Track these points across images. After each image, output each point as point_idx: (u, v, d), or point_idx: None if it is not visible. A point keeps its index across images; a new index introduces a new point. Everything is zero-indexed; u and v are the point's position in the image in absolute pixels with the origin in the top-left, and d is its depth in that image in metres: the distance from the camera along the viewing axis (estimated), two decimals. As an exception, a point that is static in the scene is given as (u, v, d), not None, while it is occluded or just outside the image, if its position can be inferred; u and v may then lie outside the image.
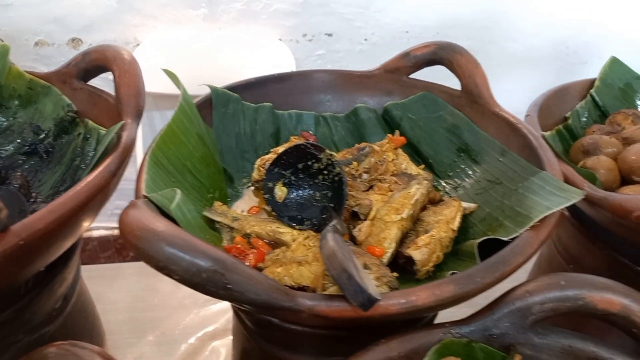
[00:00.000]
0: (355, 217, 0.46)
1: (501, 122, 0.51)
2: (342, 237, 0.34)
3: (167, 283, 0.69)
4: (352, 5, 1.47)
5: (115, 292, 0.65)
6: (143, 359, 0.58)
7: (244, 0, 1.42)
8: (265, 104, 0.57)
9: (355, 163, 0.49)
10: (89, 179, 0.37)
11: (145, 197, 0.36)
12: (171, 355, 0.58)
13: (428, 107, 0.57)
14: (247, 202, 0.50)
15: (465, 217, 0.46)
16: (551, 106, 0.61)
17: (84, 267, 0.70)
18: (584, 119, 0.63)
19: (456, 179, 0.52)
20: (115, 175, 0.40)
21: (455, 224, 0.43)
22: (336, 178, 0.44)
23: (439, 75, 0.59)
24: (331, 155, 0.45)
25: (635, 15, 1.63)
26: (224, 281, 0.29)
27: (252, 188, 0.51)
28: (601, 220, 0.45)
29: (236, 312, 0.46)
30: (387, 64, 0.60)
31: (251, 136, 0.55)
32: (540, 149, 0.45)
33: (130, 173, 0.42)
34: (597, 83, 0.64)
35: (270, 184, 0.46)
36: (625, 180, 0.51)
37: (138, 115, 0.47)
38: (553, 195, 0.38)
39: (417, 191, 0.43)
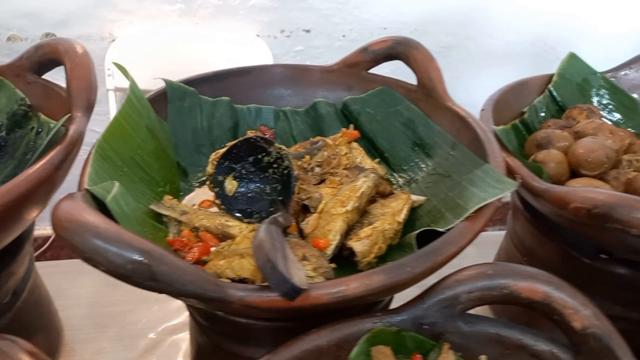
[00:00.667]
0: (306, 210, 0.46)
1: (453, 116, 0.51)
2: (280, 229, 0.35)
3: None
4: (330, 1, 1.47)
5: (77, 287, 0.65)
6: (103, 354, 0.58)
7: (221, -5, 1.42)
8: (223, 98, 0.57)
9: (307, 157, 0.50)
10: (30, 171, 0.37)
11: (87, 189, 0.36)
12: (131, 350, 0.58)
13: (386, 101, 0.58)
14: (200, 196, 0.50)
15: (414, 210, 0.47)
16: (509, 100, 0.61)
17: (46, 263, 0.71)
18: (542, 114, 0.64)
19: (410, 173, 0.53)
20: (59, 168, 0.40)
21: (402, 216, 0.44)
22: (285, 171, 0.45)
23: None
24: (280, 148, 0.45)
25: (610, 11, 1.65)
26: (150, 272, 0.29)
27: (207, 182, 0.51)
28: (546, 212, 0.46)
29: (188, 307, 0.46)
30: (346, 58, 0.61)
31: (208, 130, 0.55)
32: (487, 142, 0.46)
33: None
34: (555, 78, 0.65)
35: (220, 178, 0.46)
36: (575, 173, 0.52)
37: (89, 109, 0.47)
38: (491, 187, 0.39)
39: (363, 184, 0.43)
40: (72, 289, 0.65)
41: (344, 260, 0.41)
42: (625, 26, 1.66)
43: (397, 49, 0.57)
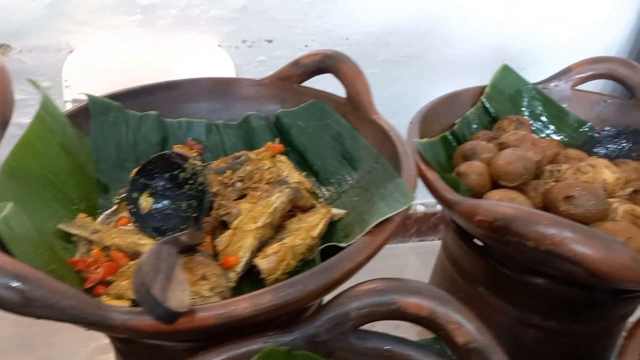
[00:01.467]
0: (225, 227, 0.46)
1: (377, 129, 0.52)
2: (175, 248, 0.34)
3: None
4: (291, 12, 1.47)
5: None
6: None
7: (180, 5, 1.41)
8: (151, 112, 0.56)
9: (229, 171, 0.49)
10: None
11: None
12: (61, 373, 0.57)
13: (317, 114, 0.58)
14: (120, 212, 0.49)
15: (334, 224, 0.47)
16: (440, 113, 0.62)
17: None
18: (475, 126, 0.65)
19: (337, 186, 0.53)
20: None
21: (317, 231, 0.44)
22: (200, 187, 0.44)
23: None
24: (195, 164, 0.45)
25: (569, 22, 1.69)
26: (25, 298, 0.28)
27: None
28: (462, 224, 0.46)
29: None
30: (279, 72, 0.61)
31: (134, 145, 0.54)
32: (403, 155, 0.46)
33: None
34: (487, 90, 0.66)
35: (134, 195, 0.45)
36: (496, 184, 0.52)
37: (2, 125, 0.46)
38: (395, 201, 0.39)
39: (277, 199, 0.43)
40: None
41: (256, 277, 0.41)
42: (583, 36, 1.71)
43: (327, 63, 0.58)
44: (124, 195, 0.50)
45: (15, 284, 0.28)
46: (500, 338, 0.55)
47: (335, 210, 0.48)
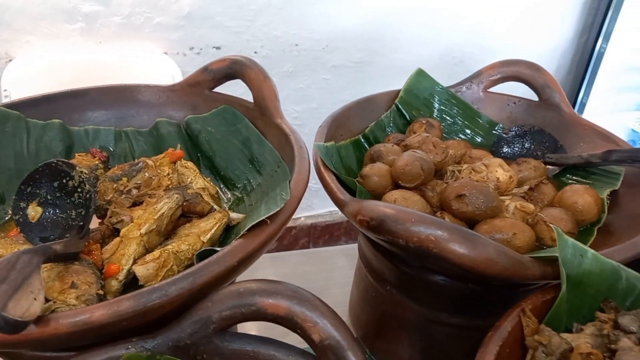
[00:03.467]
0: (118, 234, 0.46)
1: (280, 133, 0.53)
2: (38, 257, 0.34)
3: None
4: (238, 19, 1.47)
5: None
6: None
7: (123, 14, 1.40)
8: (55, 120, 0.56)
9: (125, 179, 0.49)
10: None
11: None
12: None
13: (227, 119, 0.58)
14: (10, 228, 0.48)
15: (232, 228, 0.47)
16: (354, 117, 0.63)
17: None
18: (389, 129, 0.66)
19: (242, 190, 0.54)
20: None
21: (208, 235, 0.44)
22: (87, 195, 0.44)
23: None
24: (82, 172, 0.44)
25: (516, 26, 1.74)
26: None
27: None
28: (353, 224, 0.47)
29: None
30: (189, 78, 0.61)
31: (35, 155, 0.53)
32: (298, 158, 0.47)
33: None
34: (401, 94, 0.68)
35: (22, 204, 0.45)
36: (397, 185, 0.54)
37: None
38: (275, 204, 0.40)
39: (164, 206, 0.43)
40: None
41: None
42: (529, 40, 1.77)
43: (234, 68, 0.58)
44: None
45: None
46: (414, 335, 0.56)
47: (233, 215, 0.48)
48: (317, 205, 1.86)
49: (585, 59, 1.92)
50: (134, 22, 1.39)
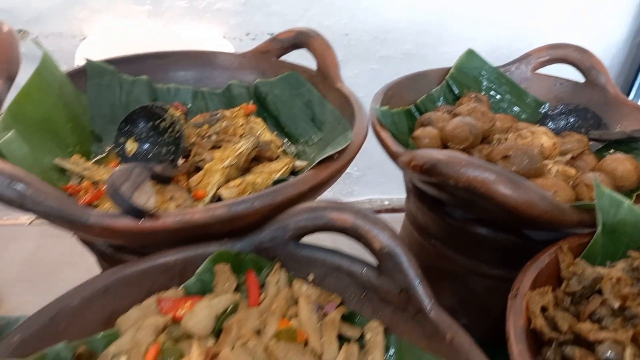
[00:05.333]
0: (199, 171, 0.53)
1: (341, 96, 0.58)
2: (146, 172, 0.40)
3: (63, 245, 0.75)
4: (292, 7, 1.54)
5: (11, 251, 0.71)
6: (30, 304, 0.63)
7: (187, -2, 1.48)
8: (143, 77, 0.63)
9: (206, 126, 0.56)
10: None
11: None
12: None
13: (292, 84, 0.65)
14: (110, 158, 0.56)
15: (297, 173, 0.53)
16: (406, 89, 0.68)
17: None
18: (439, 103, 0.71)
19: (304, 144, 0.60)
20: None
21: (278, 175, 0.50)
22: (177, 135, 0.51)
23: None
24: (173, 115, 0.51)
25: (567, 25, 1.74)
26: (21, 195, 0.35)
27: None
28: (406, 173, 0.53)
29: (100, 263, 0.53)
30: (259, 47, 0.68)
31: (126, 105, 0.61)
32: (358, 114, 0.53)
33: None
34: (452, 70, 0.72)
35: (121, 140, 0.52)
36: (446, 147, 0.58)
37: (9, 79, 0.53)
38: (339, 145, 0.46)
39: (242, 146, 0.50)
40: (5, 252, 0.70)
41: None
42: (580, 40, 1.75)
43: (300, 38, 0.64)
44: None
45: (12, 183, 0.35)
46: (455, 286, 0.61)
47: (298, 162, 0.54)
48: (357, 192, 1.91)
49: (638, 61, 1.89)
50: (197, 6, 1.48)
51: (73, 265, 0.70)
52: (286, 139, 0.62)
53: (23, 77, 0.51)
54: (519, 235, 0.52)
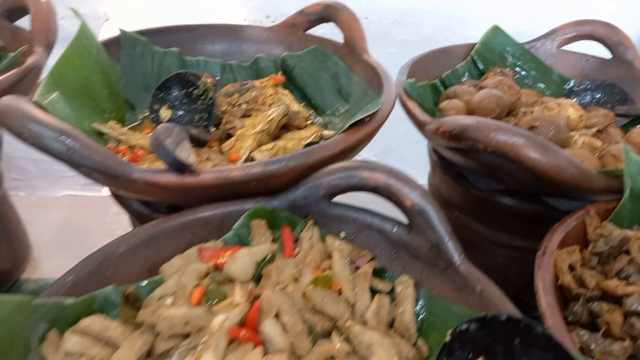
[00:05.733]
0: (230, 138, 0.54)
1: (368, 68, 0.59)
2: (185, 131, 0.42)
3: (95, 213, 0.77)
4: (312, -10, 1.54)
5: (47, 217, 0.73)
6: (65, 268, 0.66)
7: (208, -20, 1.49)
8: (174, 49, 0.65)
9: (236, 95, 0.58)
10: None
11: (34, 101, 0.44)
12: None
13: (318, 57, 0.66)
14: (145, 126, 0.58)
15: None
16: (431, 64, 0.69)
17: (18, 197, 0.80)
18: (464, 79, 0.71)
19: (331, 116, 0.61)
20: (14, 86, 0.48)
21: (307, 141, 0.51)
22: (210, 102, 0.53)
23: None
24: (206, 82, 0.53)
25: (589, 7, 1.71)
26: (69, 148, 0.37)
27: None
28: (435, 145, 0.53)
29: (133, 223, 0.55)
30: (286, 20, 0.69)
31: (157, 75, 0.63)
32: (385, 83, 0.54)
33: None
34: (477, 46, 0.73)
35: (156, 107, 0.54)
36: (472, 119, 0.59)
37: (48, 47, 0.55)
38: (368, 110, 0.47)
39: (273, 112, 0.51)
40: (42, 218, 0.73)
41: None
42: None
43: (328, 12, 0.65)
44: (147, 113, 0.59)
45: (61, 137, 0.36)
46: (477, 257, 0.62)
47: (326, 132, 0.55)
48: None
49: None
50: (217, -11, 1.49)
51: (104, 232, 0.72)
52: (312, 111, 0.63)
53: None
54: (544, 205, 0.53)
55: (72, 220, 0.74)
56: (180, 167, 0.37)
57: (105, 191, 1.21)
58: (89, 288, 0.34)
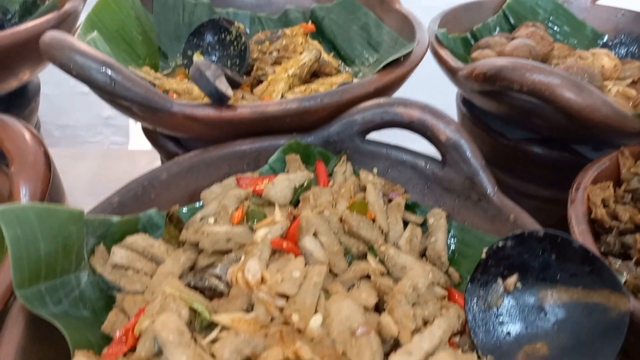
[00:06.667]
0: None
1: (399, 16, 0.59)
2: (220, 70, 0.43)
3: (124, 164, 0.79)
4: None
5: (80, 167, 0.76)
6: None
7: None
8: (204, 0, 0.65)
9: (267, 43, 0.58)
10: (26, 26, 0.47)
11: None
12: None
13: (347, 9, 0.66)
14: (177, 73, 0.59)
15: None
16: (462, 17, 0.68)
17: (59, 149, 0.82)
18: (495, 32, 0.70)
19: (360, 65, 0.61)
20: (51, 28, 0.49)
21: (337, 85, 0.52)
22: (242, 47, 0.53)
23: None
24: (239, 28, 0.53)
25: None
26: (112, 80, 0.38)
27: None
28: (465, 91, 0.53)
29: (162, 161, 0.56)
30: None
31: (189, 25, 0.63)
32: (418, 29, 0.53)
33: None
34: (508, 1, 0.71)
35: (189, 52, 0.55)
36: (503, 69, 0.58)
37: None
38: (400, 53, 0.47)
39: (305, 57, 0.52)
40: (75, 169, 0.75)
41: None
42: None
43: (357, -38, 0.64)
44: (180, 56, 0.60)
45: (104, 68, 0.38)
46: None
47: (356, 80, 0.55)
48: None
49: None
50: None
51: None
52: (341, 62, 0.63)
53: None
54: (573, 153, 0.53)
55: (103, 171, 0.76)
56: (219, 98, 0.38)
57: (133, 145, 1.23)
58: (133, 210, 0.35)
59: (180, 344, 0.24)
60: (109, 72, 0.38)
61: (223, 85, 0.38)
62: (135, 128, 1.27)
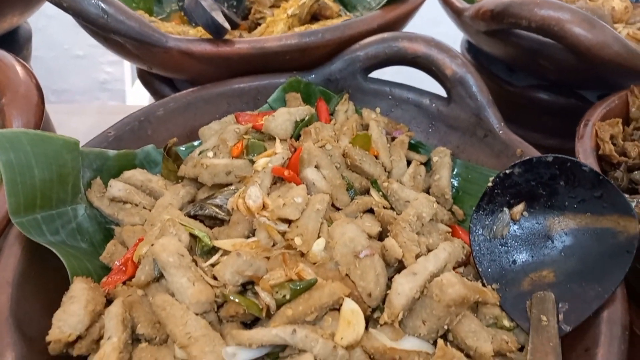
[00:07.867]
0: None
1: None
2: (218, 6, 0.41)
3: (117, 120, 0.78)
4: None
5: (74, 123, 0.74)
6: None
7: None
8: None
9: (265, -15, 0.56)
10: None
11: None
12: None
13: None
14: (172, 19, 0.57)
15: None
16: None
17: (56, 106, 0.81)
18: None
19: (363, 9, 0.59)
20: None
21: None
22: (239, -12, 0.51)
23: None
24: (236, -33, 0.51)
25: None
26: (106, 13, 0.36)
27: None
28: (469, 34, 0.52)
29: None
30: None
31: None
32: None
33: None
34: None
35: (184, -7, 0.52)
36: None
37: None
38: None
39: (305, -3, 0.50)
40: (70, 124, 0.74)
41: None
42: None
43: None
44: (175, 7, 0.58)
45: (102, 4, 0.36)
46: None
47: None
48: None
49: None
50: None
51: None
52: (342, 8, 0.61)
53: None
54: (579, 98, 0.51)
55: (99, 126, 0.74)
56: (216, 30, 0.36)
57: (130, 101, 1.21)
58: (130, 145, 0.35)
59: (181, 266, 0.23)
60: (102, 4, 0.36)
61: (220, 18, 0.37)
62: (131, 91, 1.24)
